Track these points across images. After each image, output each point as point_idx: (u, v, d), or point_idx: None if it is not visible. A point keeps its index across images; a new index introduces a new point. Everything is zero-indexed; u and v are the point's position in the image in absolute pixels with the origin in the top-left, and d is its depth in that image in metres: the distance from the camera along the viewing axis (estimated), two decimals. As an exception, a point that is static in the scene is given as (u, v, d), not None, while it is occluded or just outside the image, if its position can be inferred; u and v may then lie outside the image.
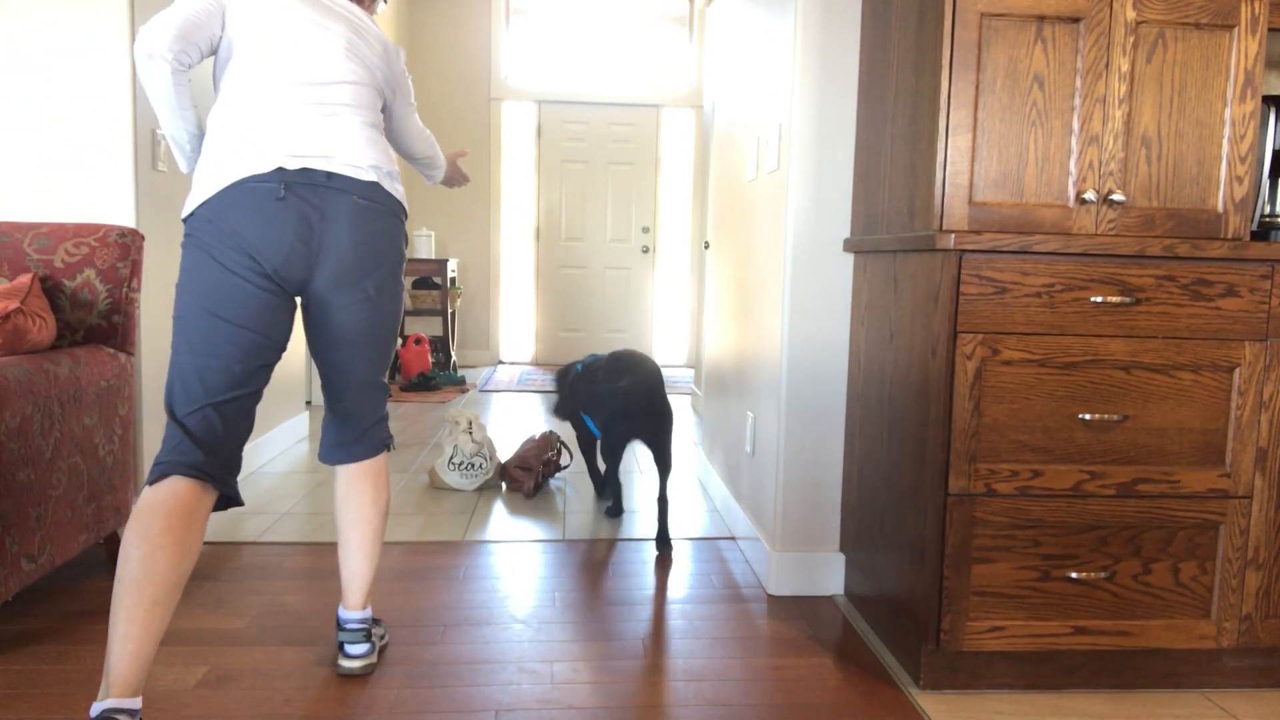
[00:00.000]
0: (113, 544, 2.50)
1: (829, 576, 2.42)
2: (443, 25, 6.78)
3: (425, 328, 6.60)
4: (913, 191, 1.93)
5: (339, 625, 1.91)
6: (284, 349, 1.73)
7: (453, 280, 6.48)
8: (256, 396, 1.69)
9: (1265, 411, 1.83)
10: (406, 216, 1.84)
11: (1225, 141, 1.86)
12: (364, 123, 1.77)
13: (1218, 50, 1.84)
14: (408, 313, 6.20)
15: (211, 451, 1.61)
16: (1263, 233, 2.13)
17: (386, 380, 1.90)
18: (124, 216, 2.61)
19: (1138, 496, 1.83)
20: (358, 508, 1.87)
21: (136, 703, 1.46)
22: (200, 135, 1.75)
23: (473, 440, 3.38)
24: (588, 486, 3.48)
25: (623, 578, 2.51)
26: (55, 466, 2.12)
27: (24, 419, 1.98)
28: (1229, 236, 1.88)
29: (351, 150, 1.71)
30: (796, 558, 2.40)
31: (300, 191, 1.63)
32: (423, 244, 6.22)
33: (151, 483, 1.56)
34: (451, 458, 3.37)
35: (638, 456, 4.00)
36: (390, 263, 1.77)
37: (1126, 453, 1.82)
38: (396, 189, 1.80)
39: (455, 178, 2.44)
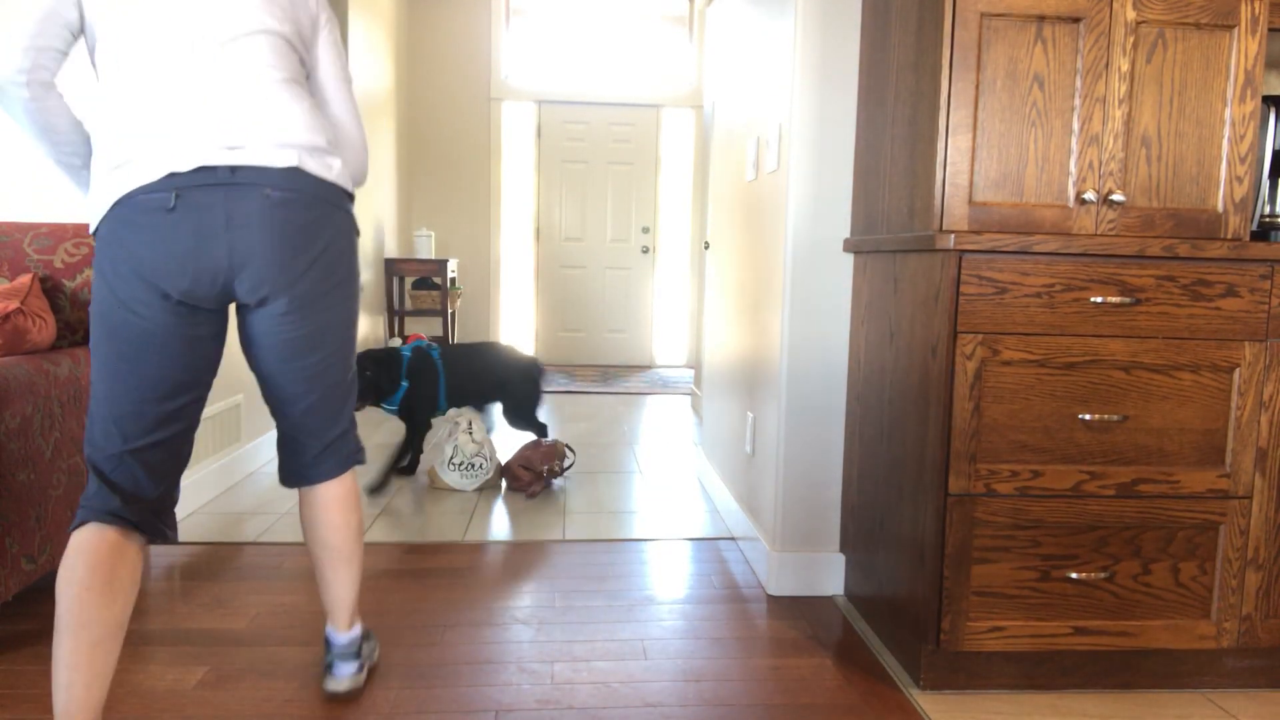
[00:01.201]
0: (113, 544, 2.49)
1: (829, 576, 2.42)
2: (443, 25, 6.78)
3: (425, 328, 6.60)
4: (913, 191, 1.93)
5: (326, 644, 1.79)
6: (213, 375, 1.54)
7: (453, 280, 6.48)
8: (187, 432, 1.51)
9: (1265, 412, 1.83)
10: (351, 200, 1.57)
11: (1225, 141, 1.86)
12: (277, 82, 1.45)
13: (1218, 50, 1.84)
14: (408, 313, 6.20)
15: (134, 499, 1.45)
16: (1263, 233, 2.13)
17: (347, 390, 1.67)
18: (124, 216, 2.61)
19: (1138, 497, 1.83)
20: (325, 536, 1.70)
21: None
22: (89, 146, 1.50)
23: (473, 440, 3.38)
24: (588, 486, 3.49)
25: (623, 578, 2.51)
26: (55, 466, 2.12)
27: (24, 419, 1.98)
28: (1229, 236, 1.88)
29: (260, 128, 1.40)
30: (796, 558, 2.40)
31: (197, 197, 1.37)
32: (423, 244, 6.22)
33: (74, 528, 1.42)
34: (451, 458, 3.37)
35: (638, 456, 4.00)
36: (326, 261, 1.49)
37: (1126, 453, 1.82)
38: (329, 167, 1.49)
39: None
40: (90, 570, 1.38)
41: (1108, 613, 1.85)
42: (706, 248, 3.78)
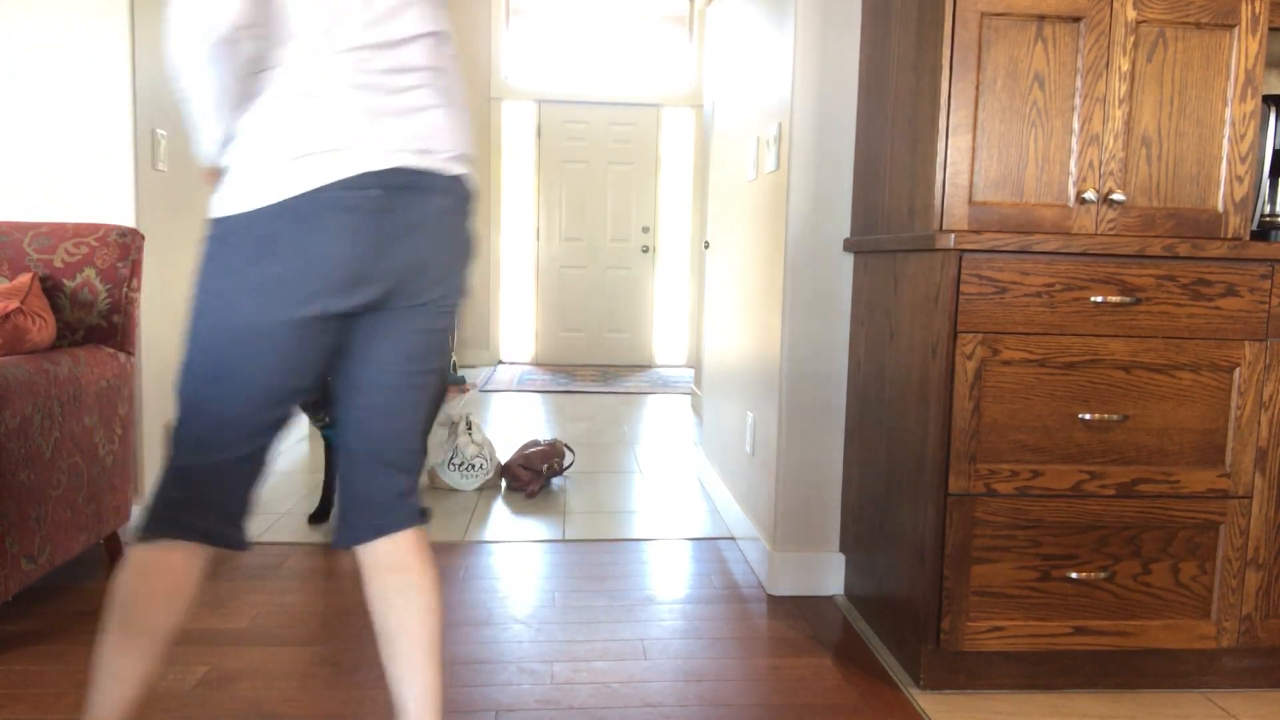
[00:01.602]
0: (113, 544, 2.50)
1: (829, 576, 2.42)
2: (443, 25, 6.78)
3: (425, 328, 6.60)
4: (913, 191, 1.93)
5: None
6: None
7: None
8: (280, 437, 1.40)
9: (1265, 411, 1.83)
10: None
11: (1225, 141, 1.86)
12: (452, 87, 1.36)
13: (1218, 50, 1.84)
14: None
15: (220, 508, 1.34)
16: (1263, 232, 2.13)
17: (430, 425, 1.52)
18: (124, 216, 2.61)
19: (1138, 496, 1.83)
20: (419, 603, 1.41)
21: None
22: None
23: (473, 441, 3.38)
24: (588, 486, 3.49)
25: (623, 578, 2.51)
26: (55, 466, 2.12)
27: (24, 419, 1.98)
28: (1229, 236, 1.88)
29: (444, 135, 1.33)
30: (796, 558, 2.40)
31: (388, 199, 1.27)
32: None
33: (147, 538, 1.30)
34: (452, 458, 3.37)
35: (638, 456, 4.00)
36: (465, 276, 1.43)
37: (1126, 453, 1.82)
38: (473, 176, 1.43)
39: None
40: (170, 588, 1.30)
41: (1108, 613, 1.85)
42: (706, 248, 3.78)
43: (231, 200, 1.23)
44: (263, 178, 1.22)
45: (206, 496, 1.31)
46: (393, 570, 1.42)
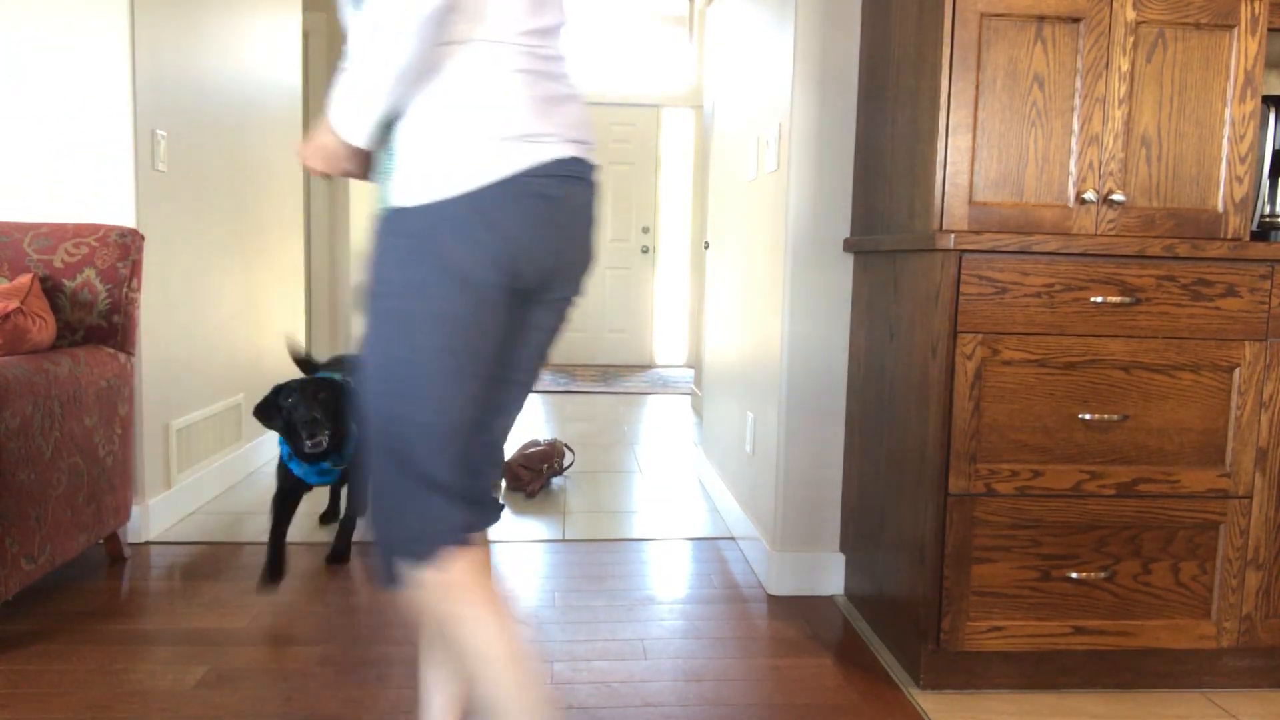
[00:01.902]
0: (113, 544, 2.50)
1: (829, 576, 2.42)
2: (443, 25, 6.78)
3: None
4: (913, 191, 1.93)
5: None
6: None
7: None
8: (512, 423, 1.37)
9: (1265, 411, 1.83)
10: None
11: (1225, 141, 1.86)
12: (576, 79, 1.33)
13: (1218, 50, 1.84)
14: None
15: (482, 502, 1.34)
16: (1263, 233, 2.13)
17: None
18: (124, 216, 2.62)
19: (1138, 496, 1.83)
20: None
21: None
22: None
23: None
24: (588, 486, 3.48)
25: (623, 578, 2.51)
26: (55, 466, 2.12)
27: (24, 419, 1.98)
28: (1229, 236, 1.88)
29: (588, 125, 1.30)
30: (796, 558, 2.40)
31: (569, 187, 1.24)
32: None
33: (421, 556, 1.21)
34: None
35: (638, 456, 4.00)
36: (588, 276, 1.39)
37: (1126, 453, 1.82)
38: None
39: None
40: (495, 601, 1.26)
41: (1108, 612, 1.85)
42: (706, 248, 3.78)
43: (423, 188, 1.16)
44: (458, 163, 1.15)
45: (457, 488, 1.24)
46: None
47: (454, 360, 1.19)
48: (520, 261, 1.20)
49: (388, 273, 1.17)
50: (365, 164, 1.27)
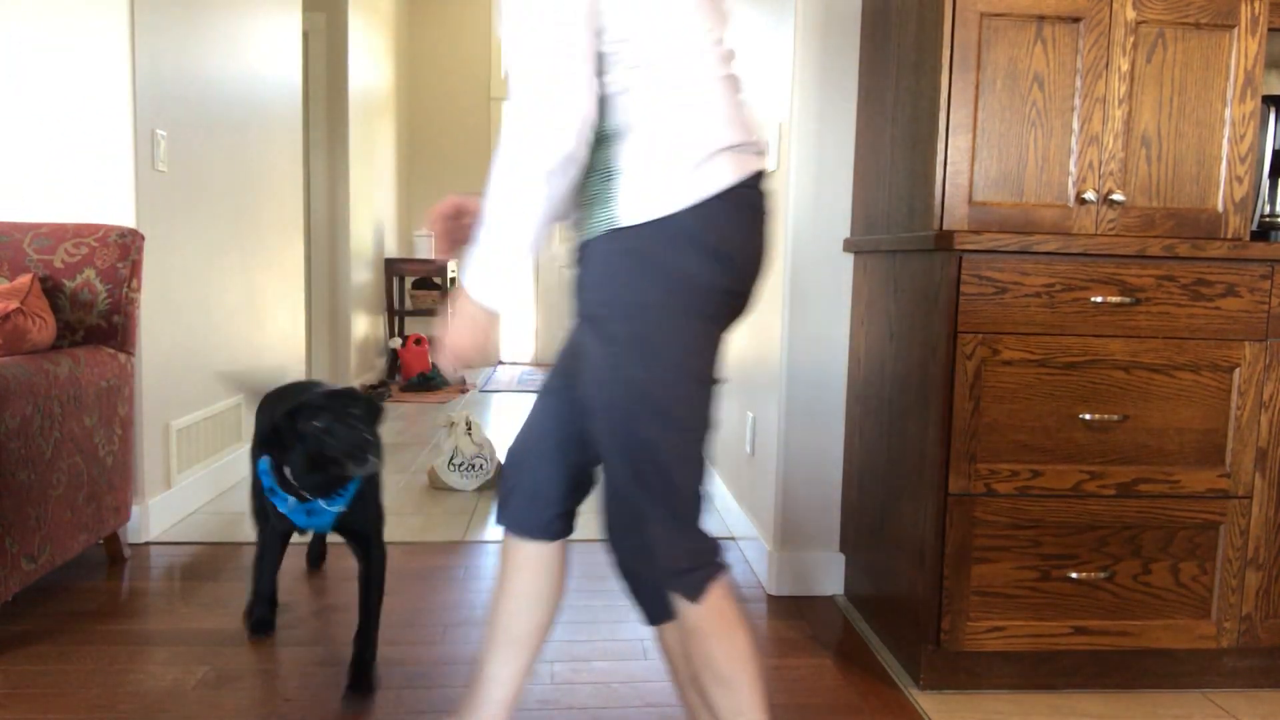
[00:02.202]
0: (113, 544, 2.50)
1: (829, 576, 2.42)
2: (443, 25, 6.78)
3: (425, 328, 6.60)
4: (913, 191, 1.93)
5: None
6: None
7: (453, 280, 6.49)
8: None
9: (1265, 411, 1.83)
10: None
11: (1225, 141, 1.86)
12: None
13: (1218, 50, 1.84)
14: (408, 312, 6.20)
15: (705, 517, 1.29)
16: (1263, 233, 2.13)
17: None
18: (124, 216, 2.62)
19: (1138, 496, 1.83)
20: (551, 608, 1.45)
21: None
22: None
23: (473, 441, 3.39)
24: (588, 486, 3.48)
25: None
26: (55, 466, 2.12)
27: (24, 419, 1.98)
28: (1229, 236, 1.88)
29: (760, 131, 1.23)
30: (796, 558, 2.40)
31: (763, 199, 1.20)
32: (423, 244, 6.22)
33: (693, 598, 1.18)
34: (452, 459, 3.38)
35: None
36: None
37: (1126, 453, 1.82)
38: None
39: None
40: (746, 635, 1.22)
41: (1108, 613, 1.85)
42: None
43: (647, 205, 1.11)
44: (683, 176, 1.11)
45: (702, 517, 1.20)
46: (552, 571, 1.43)
47: (697, 377, 1.15)
48: (745, 271, 1.17)
49: (612, 294, 1.12)
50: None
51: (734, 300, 1.18)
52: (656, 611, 1.24)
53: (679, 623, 1.21)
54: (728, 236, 1.13)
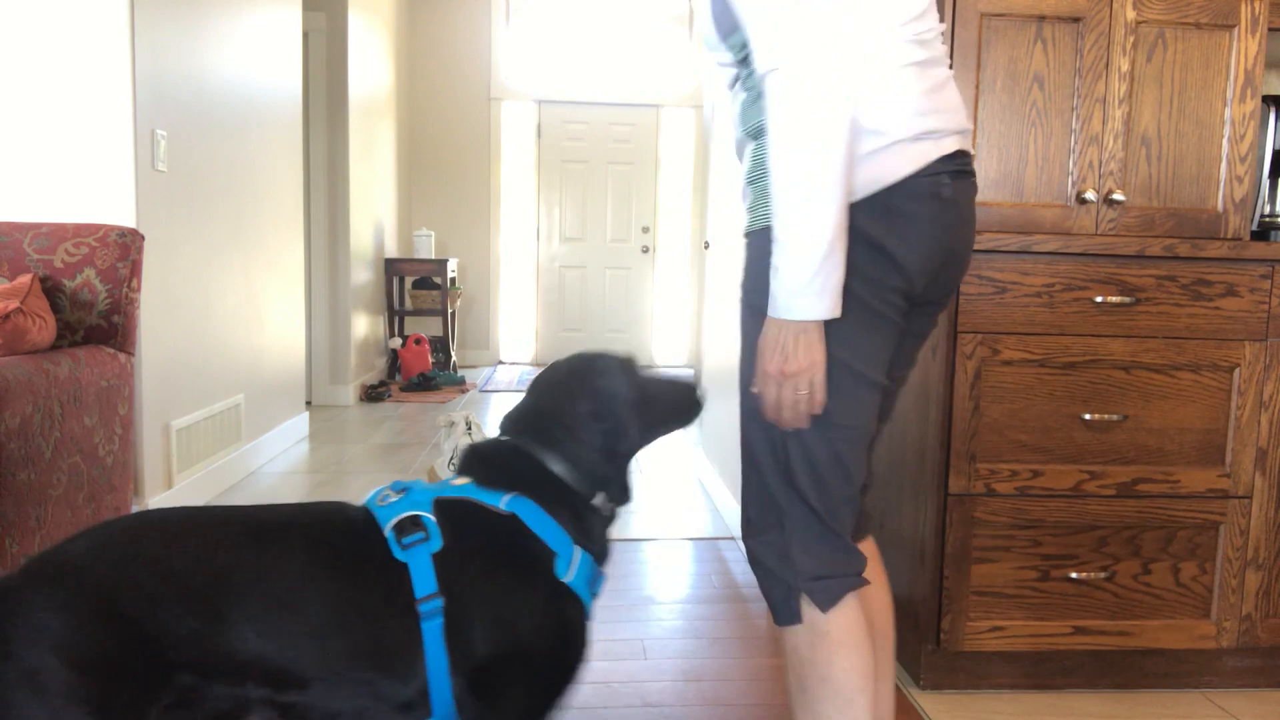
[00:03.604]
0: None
1: (829, 576, 2.41)
2: (443, 25, 6.78)
3: (425, 328, 6.61)
4: (913, 191, 1.93)
5: None
6: None
7: (453, 280, 6.49)
8: None
9: (1265, 411, 1.83)
10: None
11: (1225, 141, 1.86)
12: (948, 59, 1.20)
13: (1218, 50, 1.84)
14: (408, 312, 6.20)
15: (861, 537, 1.26)
16: (1263, 233, 2.13)
17: None
18: (124, 216, 2.62)
19: (1138, 496, 1.83)
20: (883, 611, 1.31)
21: None
22: None
23: (473, 442, 3.39)
24: (588, 486, 3.47)
25: (623, 578, 2.51)
26: (55, 466, 2.12)
27: (24, 419, 1.98)
28: (1229, 236, 1.88)
29: (965, 112, 1.18)
30: (796, 558, 2.40)
31: (955, 185, 1.14)
32: (423, 244, 6.22)
33: (831, 604, 1.14)
34: (452, 459, 3.37)
35: (638, 456, 3.99)
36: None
37: (1126, 453, 1.82)
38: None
39: None
40: (871, 654, 1.16)
41: (1108, 613, 1.85)
42: (706, 248, 3.78)
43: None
44: (854, 170, 1.07)
45: (849, 524, 1.16)
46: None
47: (853, 373, 1.10)
48: (915, 267, 1.11)
49: (765, 282, 1.08)
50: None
51: (903, 295, 1.12)
52: (784, 612, 1.16)
53: (806, 629, 1.15)
54: (900, 231, 1.08)
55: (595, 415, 1.16)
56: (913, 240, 1.10)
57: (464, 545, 1.02)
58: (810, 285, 1.02)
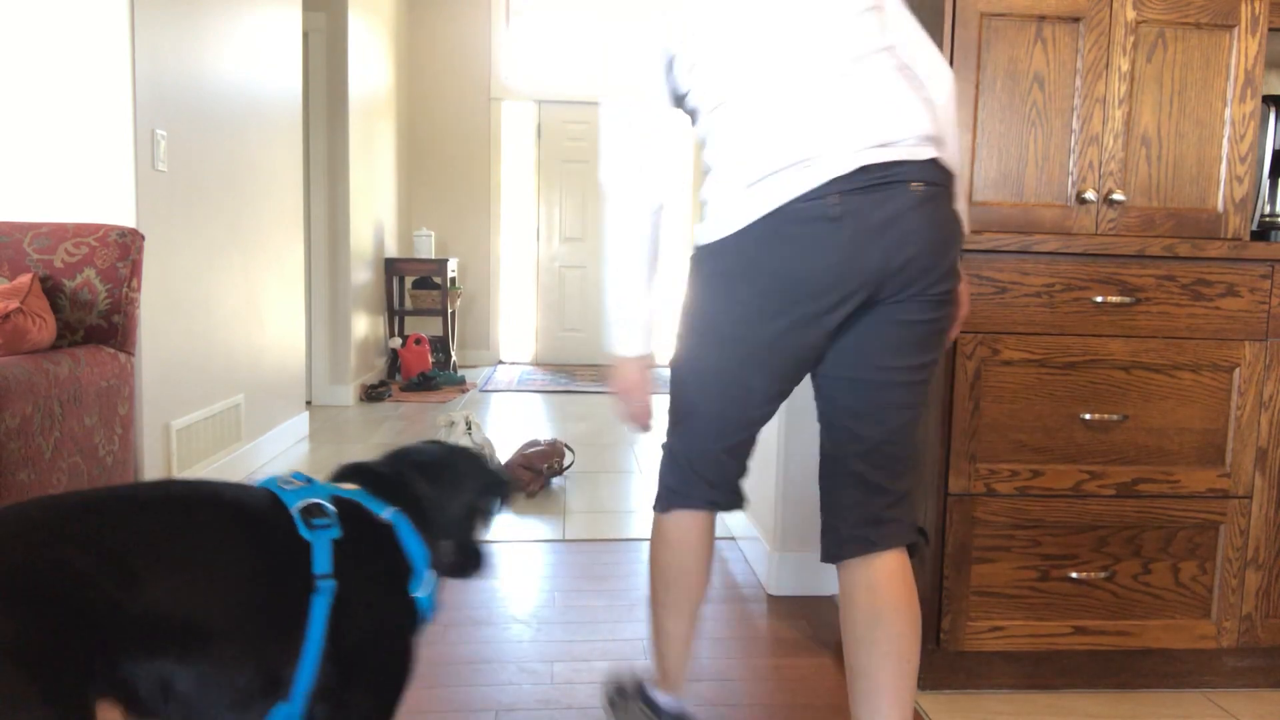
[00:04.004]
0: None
1: (829, 576, 2.42)
2: (443, 25, 6.78)
3: (425, 328, 6.61)
4: (913, 191, 1.93)
5: None
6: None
7: (453, 280, 6.49)
8: (767, 420, 1.42)
9: (1265, 411, 1.83)
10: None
11: (1225, 141, 1.86)
12: (897, 71, 1.29)
13: (1218, 50, 1.84)
14: (408, 312, 6.20)
15: (718, 484, 1.43)
16: (1263, 233, 2.13)
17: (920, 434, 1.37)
18: (124, 216, 2.62)
19: (1138, 496, 1.83)
20: (889, 628, 1.30)
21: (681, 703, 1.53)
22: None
23: (473, 441, 3.39)
24: (588, 487, 3.48)
25: (623, 578, 2.51)
26: (55, 466, 2.12)
27: (24, 419, 1.98)
28: (1229, 236, 1.88)
29: (903, 123, 1.25)
30: (796, 558, 2.40)
31: (856, 201, 1.23)
32: (423, 244, 6.22)
33: (662, 510, 1.46)
34: (451, 458, 3.37)
35: (638, 456, 4.00)
36: (956, 260, 1.32)
37: (1126, 453, 1.82)
38: (950, 160, 1.33)
39: None
40: (693, 553, 1.45)
41: (1108, 613, 1.85)
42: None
43: (705, 230, 1.34)
44: (727, 205, 1.28)
45: (706, 476, 1.42)
46: (864, 595, 1.33)
47: (720, 372, 1.35)
48: (826, 279, 1.24)
49: (687, 296, 1.39)
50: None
51: (827, 301, 1.26)
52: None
53: (654, 524, 1.48)
54: (779, 253, 1.25)
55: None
56: (811, 258, 1.23)
57: (355, 538, 1.13)
58: (616, 335, 1.41)
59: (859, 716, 1.33)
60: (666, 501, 1.45)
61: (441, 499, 1.28)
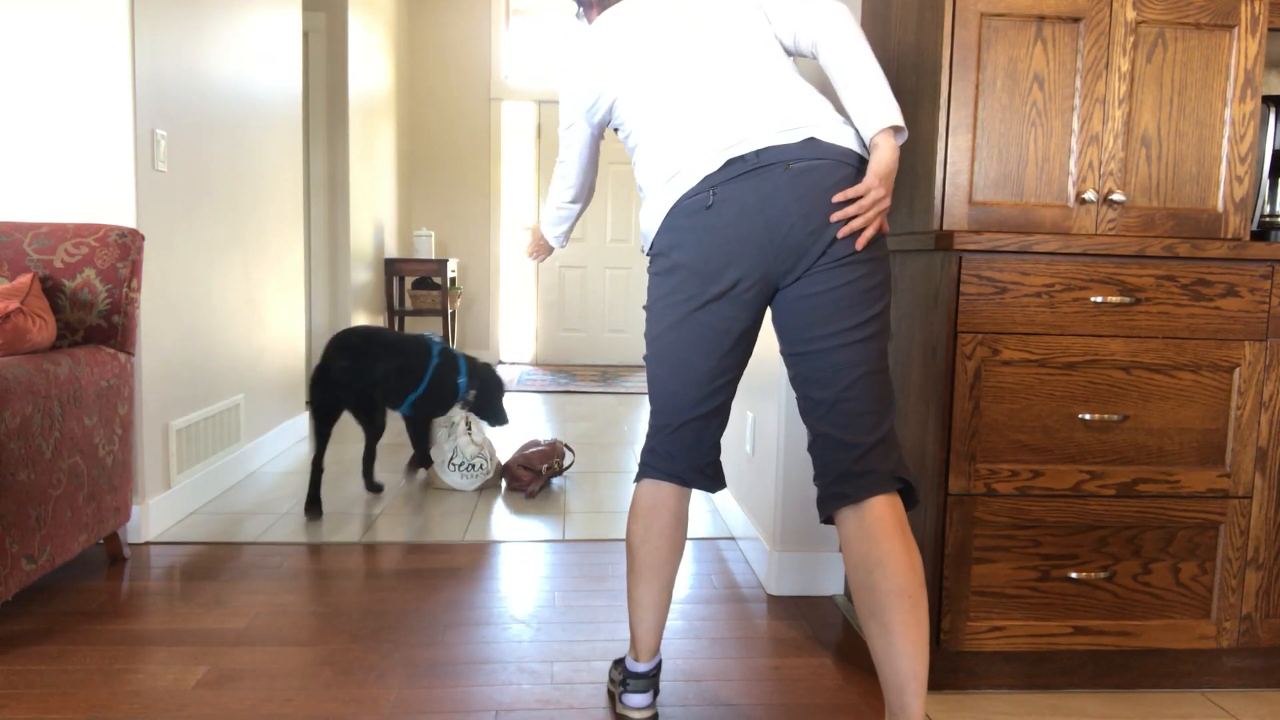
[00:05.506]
0: (113, 544, 2.50)
1: (829, 576, 2.42)
2: (443, 25, 6.78)
3: (425, 328, 6.60)
4: (913, 191, 1.93)
5: None
6: (748, 360, 1.72)
7: (453, 280, 6.49)
8: (726, 402, 1.61)
9: (1265, 411, 1.83)
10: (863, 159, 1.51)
11: (1225, 141, 1.86)
12: (772, 76, 1.53)
13: (1218, 50, 1.84)
14: (408, 312, 6.20)
15: (677, 457, 1.63)
16: (1263, 233, 2.13)
17: (890, 385, 1.52)
18: (124, 216, 2.62)
19: (1138, 496, 1.83)
20: (889, 575, 1.41)
21: (653, 665, 1.71)
22: (578, 203, 1.92)
23: (473, 441, 3.39)
24: (588, 487, 3.48)
25: (623, 578, 2.51)
26: (55, 466, 2.12)
27: (24, 419, 1.98)
28: (1229, 236, 1.88)
29: (769, 118, 1.48)
30: (796, 558, 2.40)
31: (729, 190, 1.46)
32: (423, 244, 6.22)
33: (636, 481, 1.67)
34: (452, 459, 3.38)
35: (638, 456, 4.00)
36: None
37: (1126, 453, 1.82)
38: (844, 136, 1.49)
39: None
40: (658, 521, 1.63)
41: (1108, 613, 1.85)
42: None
43: (644, 238, 1.63)
44: (647, 210, 1.58)
45: (666, 449, 1.63)
46: (856, 545, 1.46)
47: (665, 358, 1.59)
48: (717, 260, 1.49)
49: (648, 294, 1.63)
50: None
51: (724, 281, 1.50)
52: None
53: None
54: (680, 243, 1.53)
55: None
56: (704, 243, 1.49)
57: (448, 360, 3.40)
58: (544, 227, 2.01)
59: (878, 656, 1.45)
60: (639, 473, 1.67)
61: (481, 376, 3.42)
